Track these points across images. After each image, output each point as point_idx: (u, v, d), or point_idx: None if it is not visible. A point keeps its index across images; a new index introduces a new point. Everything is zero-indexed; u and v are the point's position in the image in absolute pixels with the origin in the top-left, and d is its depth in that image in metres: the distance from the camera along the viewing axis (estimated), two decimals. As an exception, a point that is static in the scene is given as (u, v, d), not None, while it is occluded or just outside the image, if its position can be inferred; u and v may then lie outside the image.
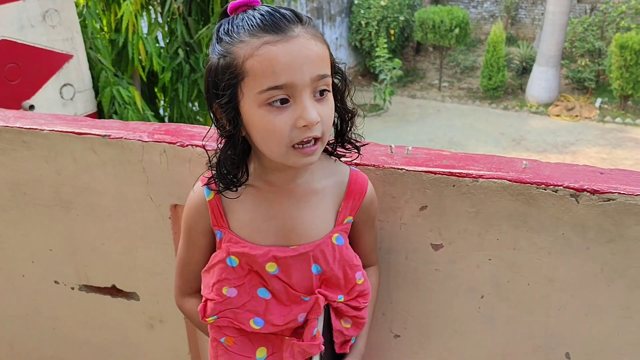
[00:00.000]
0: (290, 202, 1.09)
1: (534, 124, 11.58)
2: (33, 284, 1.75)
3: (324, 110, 0.98)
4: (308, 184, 1.10)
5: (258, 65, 0.93)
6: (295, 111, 0.95)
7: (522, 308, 1.28)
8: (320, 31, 1.03)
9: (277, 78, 0.93)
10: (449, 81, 13.61)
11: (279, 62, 0.92)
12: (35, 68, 3.96)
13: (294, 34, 0.94)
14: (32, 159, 1.53)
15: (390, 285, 1.37)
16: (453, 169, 1.22)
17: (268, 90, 0.93)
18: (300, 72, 0.93)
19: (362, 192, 1.15)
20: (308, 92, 0.95)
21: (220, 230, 1.11)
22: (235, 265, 1.09)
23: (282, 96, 0.94)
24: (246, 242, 1.08)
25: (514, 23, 14.58)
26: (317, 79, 0.96)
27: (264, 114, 0.95)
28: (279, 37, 0.93)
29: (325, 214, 1.11)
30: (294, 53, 0.93)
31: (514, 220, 1.21)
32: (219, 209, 1.10)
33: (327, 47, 1.01)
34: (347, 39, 13.69)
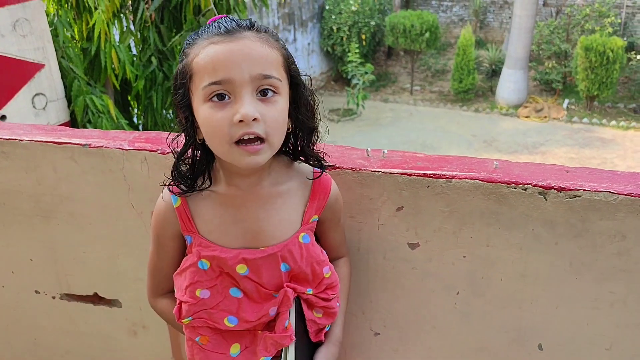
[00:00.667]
0: (257, 205, 1.12)
1: (504, 126, 11.80)
2: (13, 295, 1.75)
3: (267, 110, 1.00)
4: (273, 187, 1.14)
5: (202, 62, 0.99)
6: (233, 107, 0.98)
7: (497, 303, 1.33)
8: (286, 38, 1.09)
9: (216, 73, 0.97)
10: (420, 85, 13.78)
11: (219, 58, 0.98)
12: (6, 78, 3.92)
13: (241, 35, 0.99)
14: (12, 169, 1.54)
15: (369, 284, 1.41)
16: (427, 171, 1.27)
17: (209, 85, 0.98)
18: (238, 69, 0.97)
19: (327, 191, 1.18)
20: (248, 89, 0.98)
21: (190, 235, 1.13)
22: (206, 268, 1.12)
23: (221, 91, 0.98)
24: (216, 245, 1.11)
25: (482, 27, 14.84)
26: (259, 78, 0.99)
27: (206, 110, 1.00)
28: (225, 37, 0.99)
29: (291, 215, 1.15)
30: (234, 51, 0.98)
31: (486, 218, 1.26)
32: (187, 214, 1.13)
33: (281, 54, 1.04)
34: (319, 45, 13.77)
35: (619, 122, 11.49)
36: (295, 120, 1.11)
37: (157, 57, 4.63)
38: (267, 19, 11.75)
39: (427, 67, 14.04)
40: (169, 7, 4.45)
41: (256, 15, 10.89)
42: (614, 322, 1.26)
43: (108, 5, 4.13)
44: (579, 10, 12.74)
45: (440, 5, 15.14)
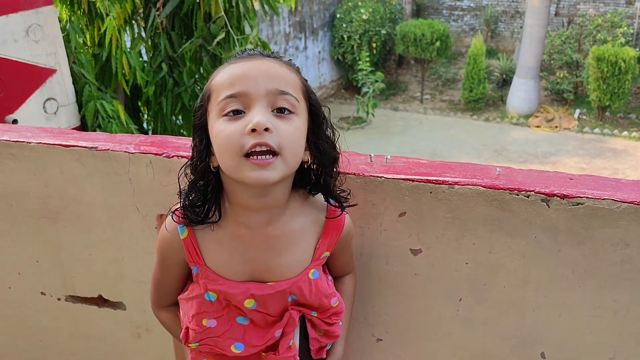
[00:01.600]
0: (267, 245, 1.10)
1: (514, 135, 11.76)
2: (19, 296, 1.77)
3: (282, 124, 0.97)
4: (284, 225, 1.10)
5: (220, 80, 1.01)
6: (247, 118, 0.97)
7: (499, 309, 1.32)
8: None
9: (232, 87, 0.98)
10: (430, 93, 13.77)
11: (236, 74, 1.00)
12: (19, 82, 3.96)
13: (260, 57, 1.02)
14: (19, 171, 1.56)
15: (371, 290, 1.41)
16: (430, 177, 1.27)
17: (224, 99, 0.98)
18: (254, 82, 0.97)
19: (340, 228, 1.16)
20: (263, 103, 0.97)
21: (197, 266, 1.12)
22: (213, 300, 1.12)
23: (237, 106, 0.97)
24: (224, 279, 1.10)
25: (493, 36, 14.82)
26: (275, 93, 0.98)
27: (220, 124, 0.98)
28: (245, 58, 1.02)
29: (303, 252, 1.14)
30: (252, 67, 1.00)
31: (489, 225, 1.26)
32: (194, 246, 1.11)
33: (300, 80, 1.05)
34: (330, 53, 13.81)
35: (631, 132, 11.41)
36: (315, 150, 1.07)
37: (167, 63, 4.66)
38: (278, 27, 11.82)
39: (437, 76, 14.04)
40: (180, 14, 4.48)
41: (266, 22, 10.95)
42: (616, 331, 1.25)
43: (119, 12, 4.17)
44: (591, 20, 12.69)
45: (452, 15, 15.15)
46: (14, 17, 3.84)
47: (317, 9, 13.19)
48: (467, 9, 14.93)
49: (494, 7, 14.49)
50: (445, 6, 15.12)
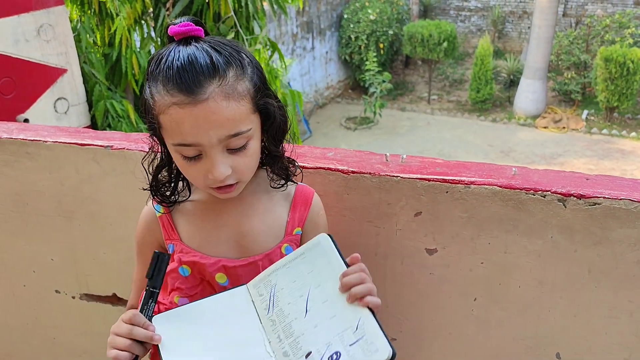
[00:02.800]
0: (238, 211, 1.14)
1: (522, 136, 11.73)
2: (34, 294, 1.78)
3: (239, 160, 1.02)
4: (254, 194, 1.16)
5: (168, 124, 0.98)
6: (205, 164, 1.00)
7: (514, 310, 1.32)
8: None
9: (184, 138, 0.98)
10: (438, 94, 13.75)
11: (185, 125, 0.96)
12: (30, 82, 3.99)
13: (204, 96, 0.94)
14: (35, 170, 1.57)
15: (386, 289, 1.41)
16: (446, 176, 1.27)
17: (178, 145, 1.00)
18: (206, 135, 0.96)
19: (308, 203, 1.19)
20: (218, 149, 0.99)
21: (172, 242, 1.14)
22: (187, 274, 1.13)
23: (192, 152, 0.99)
24: (197, 251, 1.12)
25: (501, 37, 14.78)
26: (228, 138, 0.98)
27: (179, 159, 1.02)
28: (188, 99, 0.94)
29: (274, 224, 1.16)
30: (199, 118, 0.95)
31: (504, 225, 1.26)
32: (170, 222, 1.15)
33: (250, 96, 1.00)
34: (337, 53, 13.81)
35: (639, 133, 11.35)
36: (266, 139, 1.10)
37: (176, 63, 4.68)
38: (285, 27, 11.83)
39: (444, 76, 14.02)
40: (189, 14, 4.49)
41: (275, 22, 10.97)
42: (632, 332, 1.25)
43: (129, 12, 4.19)
44: (599, 21, 12.64)
45: (459, 15, 15.12)
46: (26, 17, 3.86)
47: (324, 10, 13.20)
48: (474, 9, 14.90)
49: (501, 8, 14.45)
50: (452, 7, 15.09)
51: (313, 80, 13.11)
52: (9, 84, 3.87)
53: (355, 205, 1.34)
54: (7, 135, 1.57)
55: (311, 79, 13.04)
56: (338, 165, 1.33)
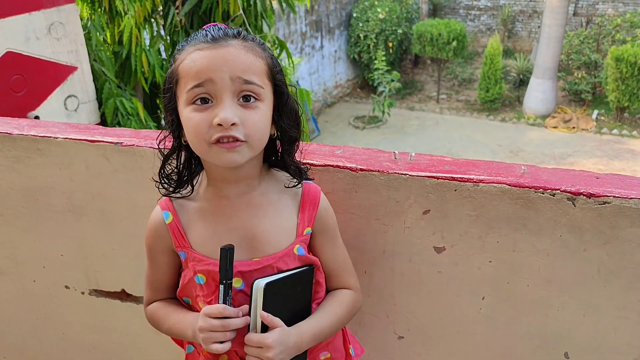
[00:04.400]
0: (249, 213, 1.14)
1: (531, 136, 11.68)
2: (44, 289, 1.79)
3: (248, 115, 1.03)
4: (264, 196, 1.15)
5: (186, 67, 1.03)
6: (214, 110, 1.02)
7: (522, 309, 1.32)
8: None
9: (198, 76, 1.01)
10: (447, 93, 13.71)
11: (202, 62, 1.01)
12: (40, 79, 4.01)
13: (226, 43, 1.03)
14: (46, 166, 1.58)
15: (394, 287, 1.41)
16: (455, 174, 1.27)
17: (192, 88, 1.02)
18: (220, 71, 1.00)
19: (316, 202, 1.18)
20: (229, 93, 1.01)
21: (184, 250, 1.15)
22: (202, 282, 1.13)
23: (203, 95, 1.02)
24: (209, 259, 1.12)
25: (510, 36, 14.72)
26: (240, 82, 1.02)
27: (189, 112, 1.03)
28: (210, 44, 1.02)
29: (285, 225, 1.15)
30: (217, 56, 1.01)
31: (513, 223, 1.25)
32: (179, 230, 1.15)
33: (266, 62, 1.06)
34: (346, 52, 13.81)
35: (650, 134, 11.28)
36: (277, 128, 1.13)
37: (186, 61, 4.69)
38: (294, 25, 11.84)
39: (453, 75, 13.98)
40: (198, 12, 4.50)
41: (284, 21, 10.98)
42: (642, 332, 1.25)
43: (139, 10, 4.21)
44: (609, 20, 12.56)
45: (468, 14, 15.07)
46: (37, 14, 3.88)
47: (333, 8, 13.19)
48: (484, 8, 14.84)
49: (511, 7, 14.38)
50: (462, 6, 15.03)
51: (322, 79, 13.11)
52: (19, 82, 3.89)
53: (363, 203, 1.34)
54: (18, 131, 1.58)
55: (320, 78, 13.04)
56: (346, 162, 1.33)
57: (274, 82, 1.09)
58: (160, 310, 1.22)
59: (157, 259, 1.20)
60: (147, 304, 1.26)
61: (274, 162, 1.18)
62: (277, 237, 1.14)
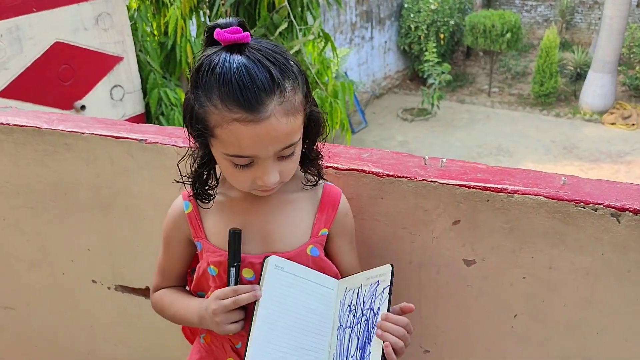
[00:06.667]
0: (266, 210, 1.13)
1: (587, 132, 11.23)
2: (72, 282, 1.80)
3: (286, 166, 1.03)
4: (282, 193, 1.14)
5: (225, 137, 0.97)
6: (256, 171, 1.01)
7: (558, 329, 1.23)
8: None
9: (242, 151, 0.98)
10: (499, 87, 13.34)
11: (245, 141, 0.96)
12: (88, 69, 4.09)
13: (266, 114, 0.94)
14: (73, 161, 1.57)
15: (421, 299, 1.34)
16: (488, 184, 1.18)
17: (233, 156, 0.99)
18: (265, 150, 0.98)
19: (336, 204, 1.16)
20: (271, 159, 1.00)
21: (200, 241, 1.15)
22: (215, 274, 1.13)
23: (245, 162, 1.00)
24: (222, 250, 1.12)
25: (568, 28, 14.17)
26: (282, 150, 1.00)
27: (228, 166, 1.02)
28: (250, 116, 0.93)
29: (300, 224, 1.14)
30: (261, 135, 0.95)
31: (550, 239, 1.16)
32: (197, 221, 1.15)
33: (303, 107, 1.01)
34: (396, 43, 13.60)
35: None
36: (305, 149, 1.11)
37: (230, 52, 4.69)
38: (344, 16, 11.73)
39: (506, 68, 13.57)
40: (244, 3, 4.49)
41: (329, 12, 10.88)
42: (691, 363, 1.14)
43: (185, 1, 4.22)
44: (676, 12, 11.93)
45: (524, 5, 14.57)
46: (85, 5, 3.95)
47: (384, -2, 13.01)
48: (541, -1, 14.34)
49: (570, -2, 13.85)
50: (518, -4, 14.57)
51: (371, 70, 12.96)
52: (67, 71, 3.97)
53: (389, 211, 1.27)
54: (47, 125, 1.58)
55: (369, 69, 12.90)
56: (372, 167, 1.26)
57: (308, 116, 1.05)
58: (167, 296, 1.23)
59: (173, 246, 1.22)
60: (154, 290, 1.28)
61: None
62: (291, 235, 1.13)
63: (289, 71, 0.98)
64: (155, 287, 1.27)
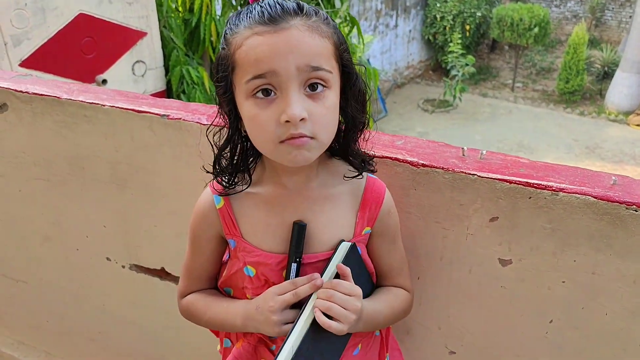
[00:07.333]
0: (304, 206, 1.03)
1: (611, 132, 11.02)
2: (86, 259, 1.75)
3: (315, 107, 0.90)
4: (322, 188, 1.04)
5: (244, 55, 0.89)
6: (280, 105, 0.88)
7: (597, 339, 1.15)
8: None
9: (259, 66, 0.87)
10: (523, 82, 13.13)
11: (263, 50, 0.87)
12: (111, 43, 4.03)
13: (287, 25, 0.87)
14: (92, 133, 1.52)
15: (449, 298, 1.27)
16: (531, 179, 1.10)
17: (252, 79, 0.88)
18: (284, 60, 0.86)
19: (379, 201, 1.07)
20: (295, 84, 0.88)
21: (234, 239, 1.06)
22: (252, 275, 1.05)
23: (265, 86, 0.88)
24: (260, 250, 1.03)
25: (598, 25, 13.87)
26: (307, 70, 0.88)
27: (250, 107, 0.91)
28: (270, 27, 0.87)
29: (342, 222, 1.05)
30: (280, 42, 0.87)
31: (595, 242, 1.08)
32: (231, 216, 1.05)
33: (333, 41, 0.92)
34: (421, 32, 13.42)
35: None
36: (342, 113, 0.99)
37: (255, 33, 4.62)
38: (369, 2, 11.57)
39: (532, 63, 13.34)
40: (271, -17, 4.41)
41: (359, -2, 10.73)
42: None
43: (212, -22, 4.14)
44: None
45: (554, 0, 14.29)
46: (110, -23, 3.88)
47: (411, -14, 12.81)
48: (572, -6, 14.04)
49: (602, -6, 13.54)
50: (548, -10, 14.28)
51: (393, 59, 12.81)
52: (90, 44, 3.92)
53: (422, 203, 1.19)
54: (67, 95, 1.52)
55: (392, 57, 12.75)
56: (407, 155, 1.19)
57: (341, 62, 0.95)
58: (200, 301, 1.13)
59: (203, 246, 1.11)
60: (182, 295, 1.17)
61: (334, 149, 1.04)
62: (333, 235, 1.03)
63: (321, 12, 0.93)
64: (183, 292, 1.17)
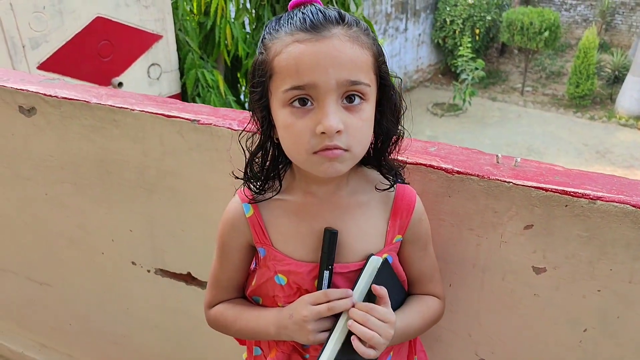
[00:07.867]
0: (334, 215, 1.03)
1: (621, 137, 10.96)
2: (111, 262, 1.76)
3: (352, 120, 0.89)
4: (352, 196, 1.04)
5: (284, 63, 0.88)
6: (316, 115, 0.88)
7: (632, 349, 1.14)
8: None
9: (300, 77, 0.87)
10: (532, 86, 13.09)
11: (304, 61, 0.86)
12: (127, 46, 4.05)
13: (329, 34, 0.87)
14: (121, 138, 1.52)
15: (481, 305, 1.26)
16: (567, 187, 1.10)
17: (291, 89, 0.88)
18: (324, 74, 0.86)
19: (410, 208, 1.07)
20: (334, 96, 0.88)
21: (264, 247, 1.05)
22: (283, 283, 1.04)
23: (303, 96, 0.88)
24: (291, 259, 1.03)
25: (608, 29, 13.83)
26: (347, 84, 0.88)
27: (286, 115, 0.90)
28: (311, 35, 0.87)
29: (373, 231, 1.05)
30: (320, 53, 0.86)
31: (633, 251, 1.07)
32: (260, 225, 1.04)
33: (372, 53, 0.92)
34: (430, 36, 13.41)
35: None
36: (377, 126, 0.98)
37: (269, 36, 4.63)
38: (379, 6, 11.57)
39: (541, 67, 13.31)
40: (285, -13, 4.42)
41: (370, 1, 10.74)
42: None
43: (227, -18, 4.16)
44: None
45: (564, 4, 14.25)
46: (127, -19, 3.90)
47: (421, -10, 12.81)
48: (582, -2, 14.00)
49: (612, -2, 13.50)
50: (558, -6, 14.25)
51: (403, 63, 12.81)
52: (107, 47, 3.94)
53: (456, 210, 1.19)
54: (96, 100, 1.53)
55: (401, 61, 12.74)
56: (441, 162, 1.18)
57: (379, 74, 0.94)
58: (229, 310, 1.12)
59: (232, 255, 1.10)
60: (209, 305, 1.16)
61: (365, 159, 1.03)
62: (364, 244, 1.03)
63: (361, 23, 0.93)
64: (211, 302, 1.16)
